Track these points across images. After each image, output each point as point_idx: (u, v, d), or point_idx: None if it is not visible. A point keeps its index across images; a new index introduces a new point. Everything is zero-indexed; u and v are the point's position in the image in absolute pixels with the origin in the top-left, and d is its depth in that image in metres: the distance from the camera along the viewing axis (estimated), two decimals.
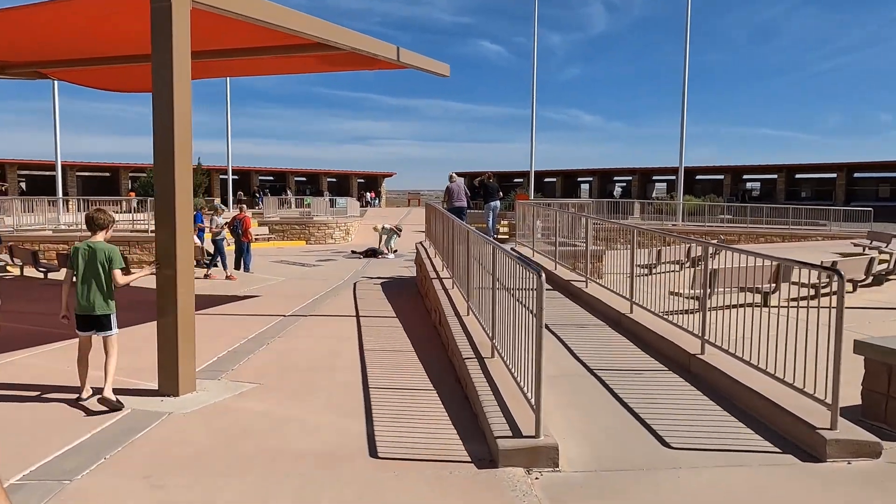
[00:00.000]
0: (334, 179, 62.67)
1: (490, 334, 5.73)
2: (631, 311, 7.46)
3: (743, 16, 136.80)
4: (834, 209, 27.87)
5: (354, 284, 14.86)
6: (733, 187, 46.75)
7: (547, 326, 7.71)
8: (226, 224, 18.20)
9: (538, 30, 37.29)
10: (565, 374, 5.76)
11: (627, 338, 6.99)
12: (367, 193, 60.90)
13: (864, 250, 19.65)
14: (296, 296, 13.03)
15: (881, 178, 43.15)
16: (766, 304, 9.75)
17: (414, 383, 5.91)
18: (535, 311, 4.13)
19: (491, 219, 17.16)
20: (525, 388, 4.44)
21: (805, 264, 4.98)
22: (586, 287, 9.14)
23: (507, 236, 24.43)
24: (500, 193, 17.28)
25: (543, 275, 4.11)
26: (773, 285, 8.98)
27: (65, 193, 43.53)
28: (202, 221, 19.59)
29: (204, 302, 12.05)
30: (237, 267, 18.07)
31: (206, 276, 16.09)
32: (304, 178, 60.85)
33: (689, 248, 16.20)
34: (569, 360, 6.17)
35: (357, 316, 10.09)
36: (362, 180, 64.07)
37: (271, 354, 7.30)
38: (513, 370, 4.82)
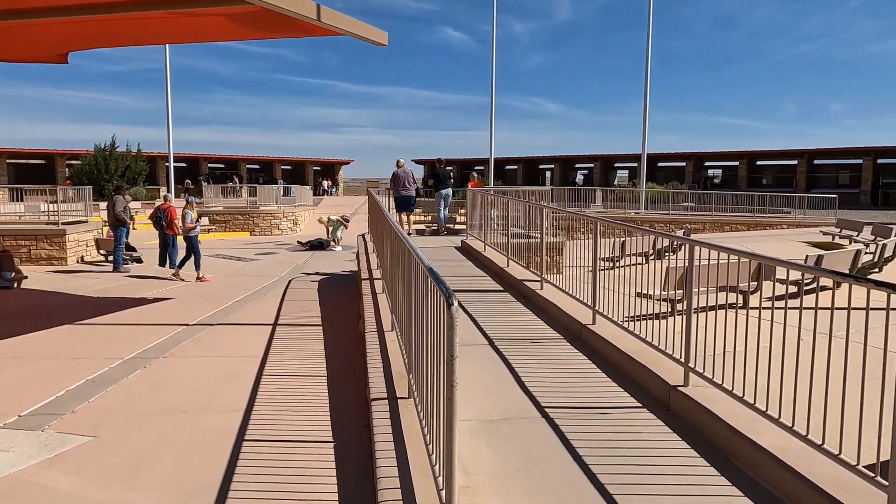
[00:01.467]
0: (289, 167, 60.29)
1: (406, 365, 4.28)
2: (593, 322, 6.10)
3: (705, 4, 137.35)
4: (798, 196, 27.17)
5: (289, 282, 13.28)
6: (695, 174, 46.15)
7: (492, 343, 6.31)
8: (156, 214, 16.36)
9: (501, 17, 35.97)
10: (510, 416, 4.35)
11: (590, 358, 5.61)
12: (324, 181, 58.78)
13: (833, 239, 18.84)
14: (216, 297, 11.39)
15: (841, 164, 43.00)
16: (745, 304, 8.54)
17: (310, 430, 4.45)
18: (445, 356, 2.68)
19: (442, 208, 15.70)
20: (434, 461, 3.01)
21: (825, 272, 3.65)
22: (541, 289, 7.75)
23: (465, 227, 23.05)
24: (452, 180, 15.82)
25: (456, 303, 2.66)
26: (755, 284, 7.76)
27: None
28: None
29: (100, 307, 10.36)
30: (161, 263, 16.26)
31: (174, 276, 14.31)
32: (257, 166, 58.35)
33: (656, 240, 15.04)
34: (515, 394, 4.76)
35: (275, 324, 8.56)
36: (318, 168, 61.83)
37: (139, 385, 5.73)
38: (424, 427, 3.38)
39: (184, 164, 52.77)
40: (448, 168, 15.60)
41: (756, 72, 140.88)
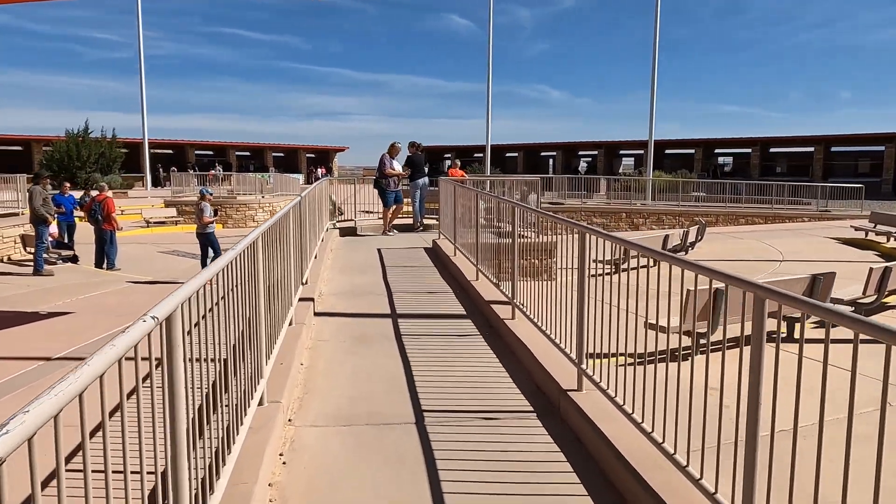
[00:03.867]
0: (281, 154, 58.16)
1: None
2: (578, 387, 3.97)
3: None
4: (821, 186, 24.86)
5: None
6: (704, 162, 43.76)
7: (420, 418, 3.95)
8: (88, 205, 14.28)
9: (506, 5, 33.89)
10: None
11: (571, 457, 3.48)
12: (318, 169, 56.62)
13: (866, 235, 16.64)
14: (127, 310, 9.27)
15: (860, 152, 40.58)
16: (791, 335, 6.38)
17: None
18: None
19: (418, 201, 13.55)
20: None
21: None
22: (512, 318, 5.63)
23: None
24: (427, 168, 13.66)
25: None
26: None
27: None
28: (66, 203, 15.64)
29: None
30: (99, 263, 14.20)
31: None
32: (247, 153, 56.26)
33: (666, 238, 12.84)
34: None
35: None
36: (312, 155, 59.65)
37: None
38: None
39: (170, 152, 50.73)
40: (421, 153, 13.38)
41: (761, 59, 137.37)
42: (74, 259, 14.47)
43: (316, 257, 8.49)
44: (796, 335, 6.57)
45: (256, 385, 3.57)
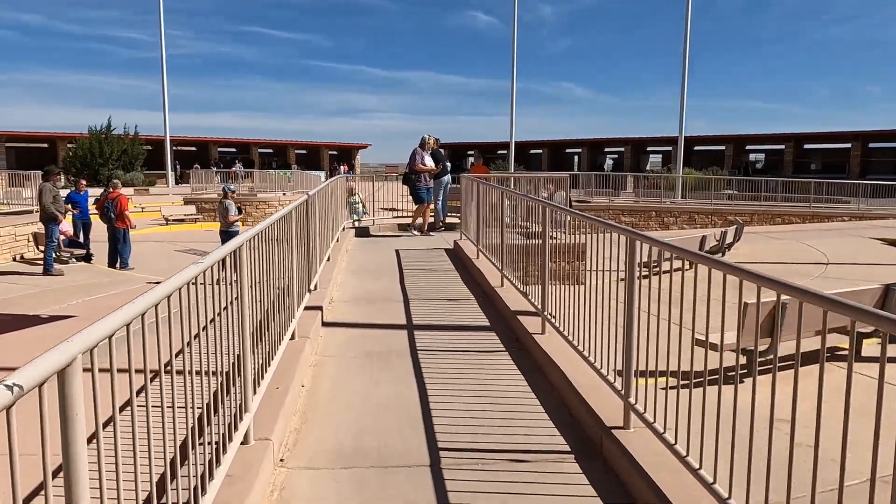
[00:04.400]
0: (304, 151, 57.95)
1: None
2: (626, 424, 3.33)
3: None
4: (861, 184, 23.72)
5: None
6: (735, 159, 42.46)
7: (436, 461, 3.31)
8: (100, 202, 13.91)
9: (530, 1, 33.00)
10: None
11: None
12: (340, 166, 56.29)
13: None
14: None
15: None
16: (858, 354, 5.64)
17: None
18: None
19: (441, 199, 12.94)
20: None
21: None
22: (543, 333, 4.99)
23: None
24: (449, 164, 13.03)
25: None
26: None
27: None
28: (82, 201, 15.30)
29: None
30: (112, 262, 13.82)
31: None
32: (270, 150, 56.13)
33: (703, 240, 12.04)
34: None
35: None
36: (334, 152, 59.37)
37: None
38: None
39: (193, 149, 50.75)
40: (444, 151, 12.78)
41: (788, 54, 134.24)
42: (88, 258, 14.13)
43: (329, 260, 7.93)
44: (863, 352, 5.83)
45: (239, 421, 2.98)
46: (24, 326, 8.27)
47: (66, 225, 13.81)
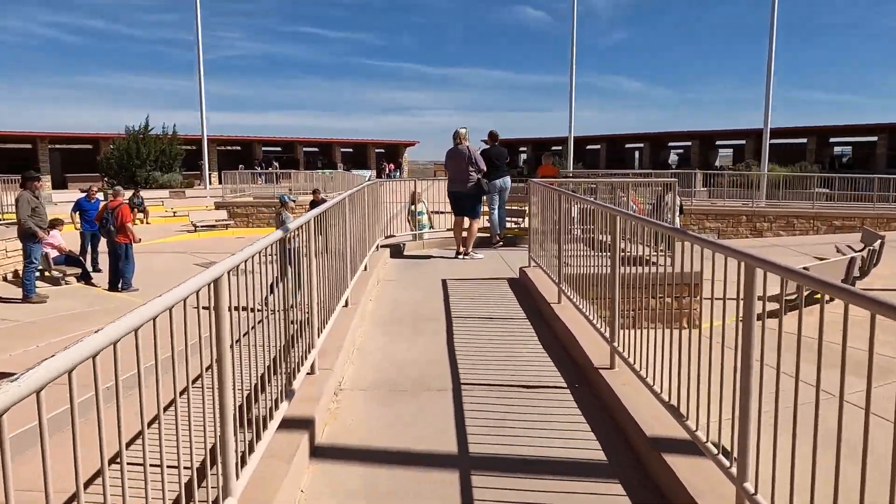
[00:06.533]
0: (350, 150, 56.13)
1: None
2: None
3: None
4: None
5: None
6: (818, 153, 38.40)
7: None
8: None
9: None
10: None
11: None
12: (387, 165, 54.31)
13: None
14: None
15: None
16: None
17: None
18: None
19: (497, 208, 10.44)
20: None
21: None
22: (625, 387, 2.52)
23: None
24: (508, 159, 10.44)
25: None
26: None
27: (36, 169, 38.28)
28: (91, 210, 13.43)
29: None
30: (113, 283, 11.80)
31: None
32: (315, 149, 54.49)
33: (851, 264, 9.15)
34: None
35: None
36: (381, 150, 57.35)
37: None
38: None
39: (237, 148, 49.51)
40: (504, 148, 10.28)
41: (856, 43, 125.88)
42: (85, 277, 12.15)
43: (347, 304, 5.54)
44: None
45: None
46: None
47: (59, 238, 11.87)
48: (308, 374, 3.95)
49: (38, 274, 11.79)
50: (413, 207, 11.78)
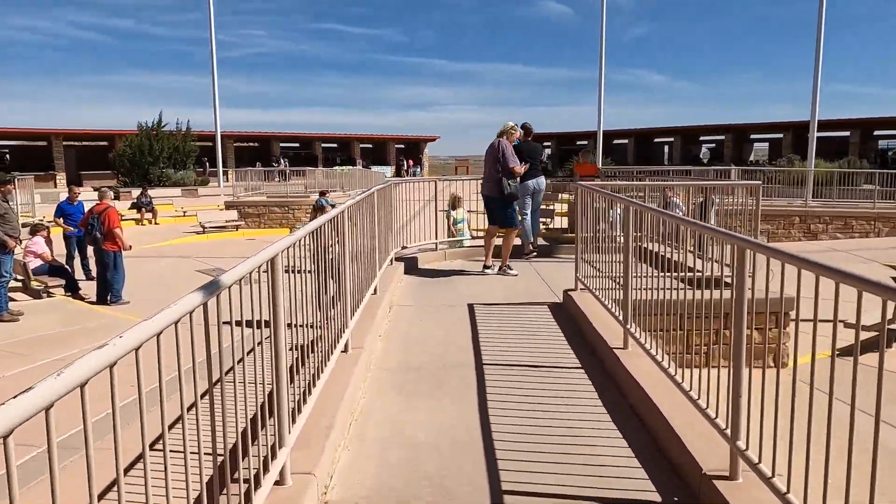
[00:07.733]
0: (369, 145, 54.89)
1: None
2: None
3: None
4: None
5: None
6: (862, 147, 36.29)
7: None
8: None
9: None
10: None
11: None
12: (406, 161, 53.03)
13: None
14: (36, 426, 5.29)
15: None
16: None
17: None
18: None
19: (529, 213, 9.05)
20: None
21: None
22: None
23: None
24: (544, 157, 9.07)
25: None
26: None
27: (50, 168, 37.62)
28: (76, 214, 12.34)
29: None
30: (101, 296, 10.62)
31: None
32: (334, 145, 53.34)
33: None
34: None
35: None
36: (401, 146, 56.04)
37: None
38: None
39: (255, 145, 48.58)
40: (540, 144, 8.85)
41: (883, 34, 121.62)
42: (71, 289, 10.96)
43: (346, 352, 4.22)
44: None
45: None
46: None
47: (43, 246, 10.72)
48: (276, 483, 2.63)
49: (19, 285, 10.72)
50: (454, 214, 10.37)
